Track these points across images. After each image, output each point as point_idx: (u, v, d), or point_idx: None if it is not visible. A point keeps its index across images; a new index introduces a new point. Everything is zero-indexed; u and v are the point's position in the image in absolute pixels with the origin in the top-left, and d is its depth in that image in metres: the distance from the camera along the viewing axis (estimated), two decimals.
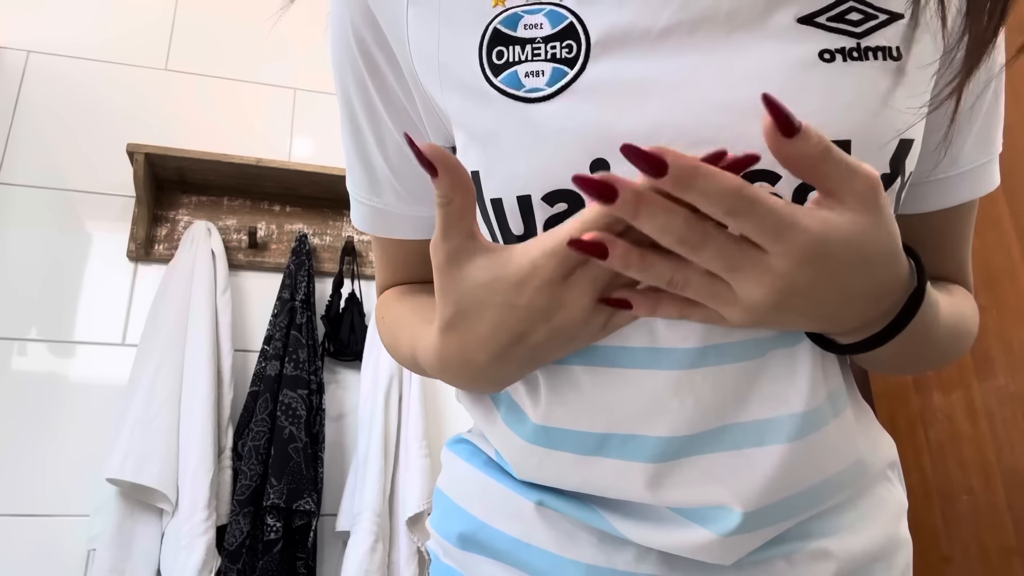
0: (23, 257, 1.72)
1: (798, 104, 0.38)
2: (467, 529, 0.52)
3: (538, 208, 0.41)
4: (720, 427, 0.43)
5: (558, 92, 0.41)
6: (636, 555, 0.47)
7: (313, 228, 1.92)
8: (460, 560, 0.53)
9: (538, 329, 0.39)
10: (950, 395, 1.55)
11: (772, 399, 0.43)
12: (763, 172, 0.39)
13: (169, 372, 1.57)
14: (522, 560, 0.49)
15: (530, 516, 0.50)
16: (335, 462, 1.72)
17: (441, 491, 0.58)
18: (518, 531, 0.50)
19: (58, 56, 1.87)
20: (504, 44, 0.43)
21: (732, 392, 0.43)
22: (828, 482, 0.46)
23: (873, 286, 0.36)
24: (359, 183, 0.55)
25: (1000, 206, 1.42)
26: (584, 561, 0.47)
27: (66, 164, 1.80)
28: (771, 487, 0.43)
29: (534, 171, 0.41)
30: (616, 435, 0.45)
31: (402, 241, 0.58)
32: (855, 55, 0.40)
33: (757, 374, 0.43)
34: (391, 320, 0.57)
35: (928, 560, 1.57)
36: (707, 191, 0.30)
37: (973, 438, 1.48)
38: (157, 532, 1.51)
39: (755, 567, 0.46)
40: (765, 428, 0.43)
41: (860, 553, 0.48)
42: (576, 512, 0.48)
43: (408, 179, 0.54)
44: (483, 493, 0.53)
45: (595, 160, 0.40)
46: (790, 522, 0.46)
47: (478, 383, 0.45)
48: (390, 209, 0.55)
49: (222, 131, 1.92)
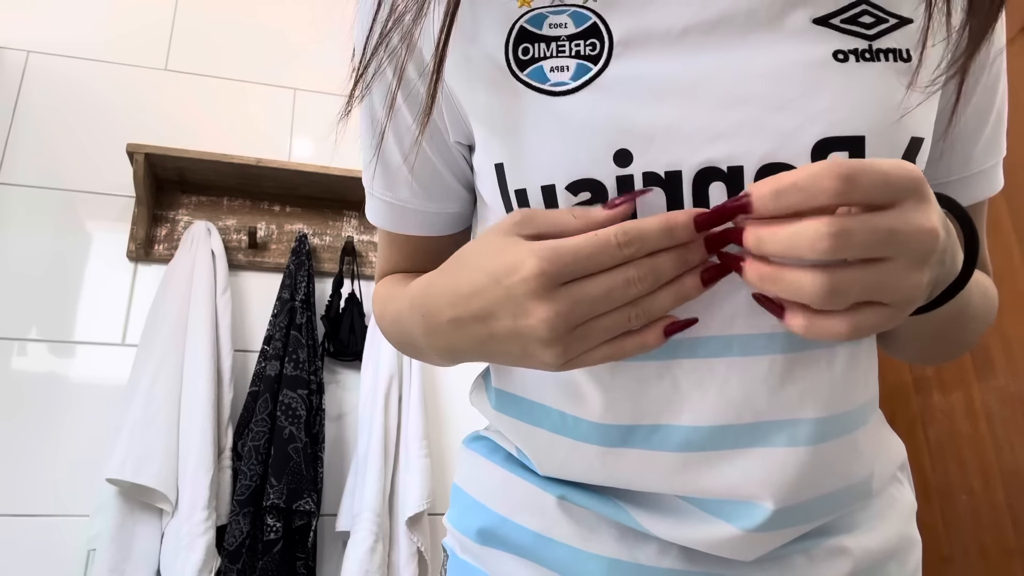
0: (23, 257, 1.71)
1: (813, 101, 0.40)
2: (487, 524, 0.52)
3: (562, 197, 0.42)
4: (753, 423, 0.43)
5: (582, 86, 0.42)
6: (658, 549, 0.47)
7: (313, 228, 1.92)
8: (479, 555, 0.53)
9: (502, 320, 0.39)
10: (950, 395, 1.55)
11: (808, 398, 0.43)
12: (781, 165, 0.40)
13: (169, 372, 1.57)
14: (543, 554, 0.50)
15: (552, 511, 0.50)
16: (335, 462, 1.72)
17: (459, 487, 0.58)
18: (540, 526, 0.50)
19: (58, 56, 1.87)
20: (530, 41, 0.44)
21: (763, 385, 0.43)
22: (852, 488, 0.47)
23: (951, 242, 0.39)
24: (376, 178, 0.56)
25: (1000, 206, 1.42)
26: (606, 555, 0.47)
27: (66, 164, 1.80)
28: (799, 487, 0.43)
29: (558, 161, 0.42)
30: (642, 426, 0.45)
31: (410, 236, 0.58)
32: (867, 56, 0.41)
33: (790, 369, 0.43)
34: (388, 294, 0.58)
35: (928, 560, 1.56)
36: (858, 244, 0.33)
37: (973, 438, 1.49)
38: (157, 532, 1.50)
39: (774, 563, 0.47)
40: (797, 427, 0.43)
41: (876, 551, 0.49)
42: (599, 506, 0.48)
43: (423, 176, 0.54)
44: (504, 488, 0.53)
45: (618, 151, 0.41)
46: (813, 524, 0.46)
47: (430, 343, 0.46)
48: (404, 204, 0.55)
49: (222, 131, 1.92)
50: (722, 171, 0.40)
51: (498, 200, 0.47)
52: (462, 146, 0.51)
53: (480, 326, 0.41)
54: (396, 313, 0.53)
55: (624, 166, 0.41)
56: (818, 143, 0.40)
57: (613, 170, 0.41)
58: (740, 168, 0.40)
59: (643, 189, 0.41)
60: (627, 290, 0.37)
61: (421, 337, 0.47)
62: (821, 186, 0.32)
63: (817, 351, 0.43)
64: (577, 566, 0.48)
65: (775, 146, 0.40)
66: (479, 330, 0.41)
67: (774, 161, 0.40)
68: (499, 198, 0.46)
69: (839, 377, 0.44)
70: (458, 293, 0.41)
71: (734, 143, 0.40)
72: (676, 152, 0.40)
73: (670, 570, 0.46)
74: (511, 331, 0.39)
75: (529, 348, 0.39)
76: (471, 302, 0.40)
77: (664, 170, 0.40)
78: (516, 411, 0.52)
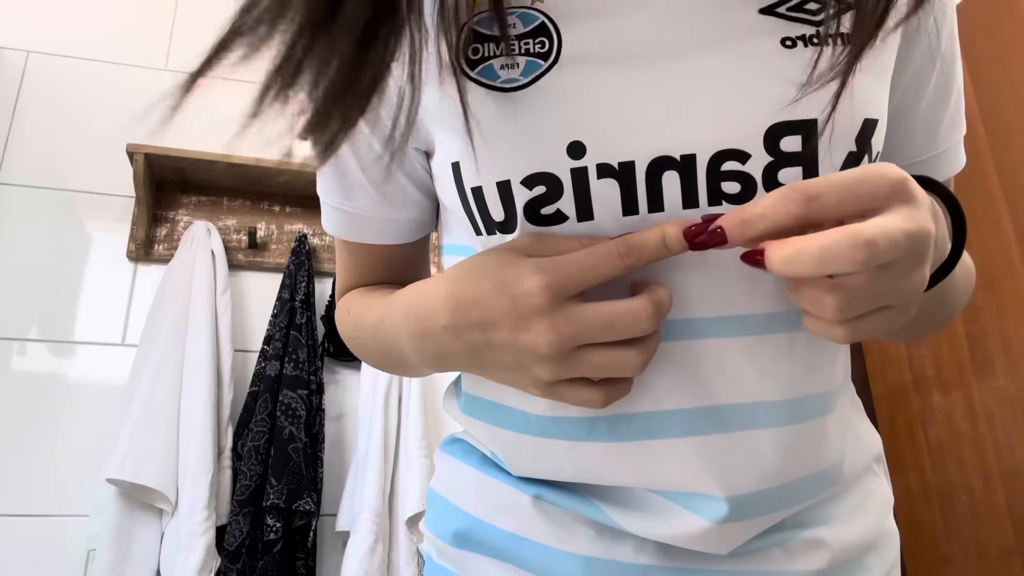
0: (23, 257, 1.71)
1: (763, 88, 0.41)
2: (463, 527, 0.52)
3: (517, 192, 0.42)
4: (711, 407, 0.43)
5: (532, 82, 0.43)
6: (634, 546, 0.47)
7: (313, 228, 1.92)
8: (455, 559, 0.53)
9: (502, 331, 0.39)
10: (949, 395, 1.55)
11: (768, 382, 0.43)
12: (734, 152, 0.41)
13: (169, 372, 1.57)
14: (519, 555, 0.49)
15: (527, 510, 0.50)
16: (335, 462, 1.72)
17: (435, 492, 0.58)
18: (515, 526, 0.50)
19: (58, 56, 1.87)
20: (479, 41, 0.44)
21: (723, 368, 0.43)
22: (820, 475, 0.47)
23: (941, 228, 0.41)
24: (331, 188, 0.55)
25: (1000, 206, 1.42)
26: (583, 553, 0.47)
27: (66, 164, 1.80)
28: (760, 474, 0.43)
29: (512, 157, 0.42)
30: (603, 418, 0.45)
31: (370, 246, 0.58)
32: (815, 41, 0.42)
33: (749, 352, 0.43)
34: (359, 303, 0.57)
35: (928, 560, 1.57)
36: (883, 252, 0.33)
37: (972, 438, 1.49)
38: (157, 532, 1.51)
39: (751, 556, 0.47)
40: (755, 411, 0.43)
41: (854, 543, 0.49)
42: (574, 505, 0.48)
43: (379, 182, 0.54)
44: (479, 489, 0.53)
45: (571, 143, 0.41)
46: (782, 513, 0.46)
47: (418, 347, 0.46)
48: (361, 212, 0.55)
49: (222, 131, 1.92)
50: (675, 160, 0.41)
51: (456, 200, 0.47)
52: (419, 152, 0.51)
53: (478, 334, 0.41)
54: (377, 321, 0.53)
55: (577, 158, 0.41)
56: (769, 129, 0.40)
57: (567, 163, 0.41)
58: (693, 156, 0.41)
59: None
60: (628, 323, 0.37)
61: (408, 342, 0.47)
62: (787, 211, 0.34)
63: (778, 335, 0.44)
64: (553, 565, 0.48)
65: (727, 134, 0.41)
66: (476, 338, 0.41)
67: (725, 147, 0.40)
68: (457, 198, 0.46)
69: (800, 362, 0.44)
70: (460, 299, 0.41)
71: (686, 132, 0.41)
72: (628, 143, 0.41)
73: (647, 566, 0.46)
74: (508, 343, 0.39)
75: (523, 360, 0.39)
76: (471, 310, 0.41)
77: (617, 161, 0.41)
78: (483, 414, 0.52)
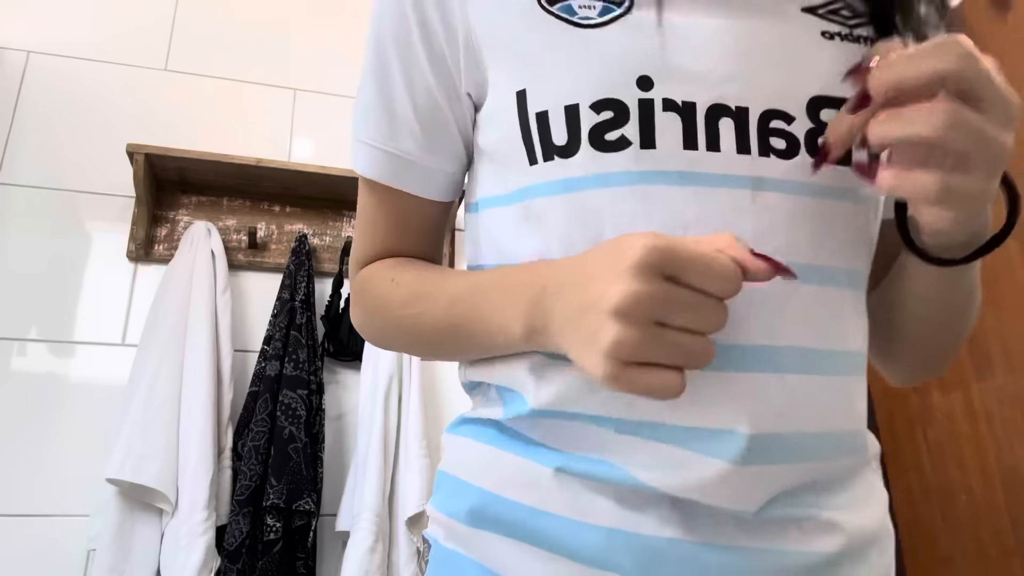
0: (23, 257, 1.71)
1: (809, 64, 0.48)
2: (477, 503, 0.51)
3: (584, 116, 0.46)
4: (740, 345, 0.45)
5: (608, 23, 0.47)
6: (657, 518, 0.46)
7: (313, 228, 1.92)
8: (467, 539, 0.52)
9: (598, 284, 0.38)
10: (949, 395, 1.55)
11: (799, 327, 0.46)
12: (781, 112, 0.46)
13: (169, 372, 1.57)
14: (537, 530, 0.48)
15: (547, 483, 0.49)
16: (335, 462, 1.72)
17: (446, 472, 0.56)
18: (534, 499, 0.49)
19: (58, 56, 1.87)
20: None
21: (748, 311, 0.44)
22: (841, 437, 0.48)
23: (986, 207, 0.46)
24: (376, 127, 0.55)
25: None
26: (604, 525, 0.47)
27: (66, 164, 1.80)
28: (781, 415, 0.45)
29: (583, 81, 0.47)
30: None
31: (407, 199, 0.57)
32: (849, 38, 0.50)
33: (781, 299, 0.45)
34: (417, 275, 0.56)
35: (927, 560, 1.57)
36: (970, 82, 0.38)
37: (972, 438, 1.49)
38: (157, 532, 1.50)
39: (768, 533, 0.46)
40: (783, 354, 0.45)
41: (867, 531, 0.49)
42: (596, 469, 0.47)
43: (429, 124, 0.55)
44: (494, 464, 0.52)
45: (641, 76, 0.46)
46: (802, 467, 0.46)
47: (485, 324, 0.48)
48: (405, 156, 0.55)
49: (222, 131, 1.92)
50: (731, 109, 0.46)
51: (514, 130, 0.49)
52: (470, 99, 0.54)
53: (578, 294, 0.40)
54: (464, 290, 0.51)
55: (646, 90, 0.45)
56: (812, 99, 0.47)
57: (636, 93, 0.45)
58: (746, 109, 0.46)
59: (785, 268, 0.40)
60: (710, 314, 0.37)
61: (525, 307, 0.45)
62: None
63: (811, 286, 0.46)
64: (573, 539, 0.47)
65: (777, 95, 0.46)
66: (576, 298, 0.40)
67: (774, 107, 0.46)
68: (516, 127, 0.49)
69: (830, 313, 0.47)
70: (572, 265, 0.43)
71: (743, 87, 0.46)
72: (692, 86, 0.46)
73: (671, 539, 0.45)
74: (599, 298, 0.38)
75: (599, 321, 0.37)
76: (584, 267, 0.41)
77: (681, 99, 0.45)
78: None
